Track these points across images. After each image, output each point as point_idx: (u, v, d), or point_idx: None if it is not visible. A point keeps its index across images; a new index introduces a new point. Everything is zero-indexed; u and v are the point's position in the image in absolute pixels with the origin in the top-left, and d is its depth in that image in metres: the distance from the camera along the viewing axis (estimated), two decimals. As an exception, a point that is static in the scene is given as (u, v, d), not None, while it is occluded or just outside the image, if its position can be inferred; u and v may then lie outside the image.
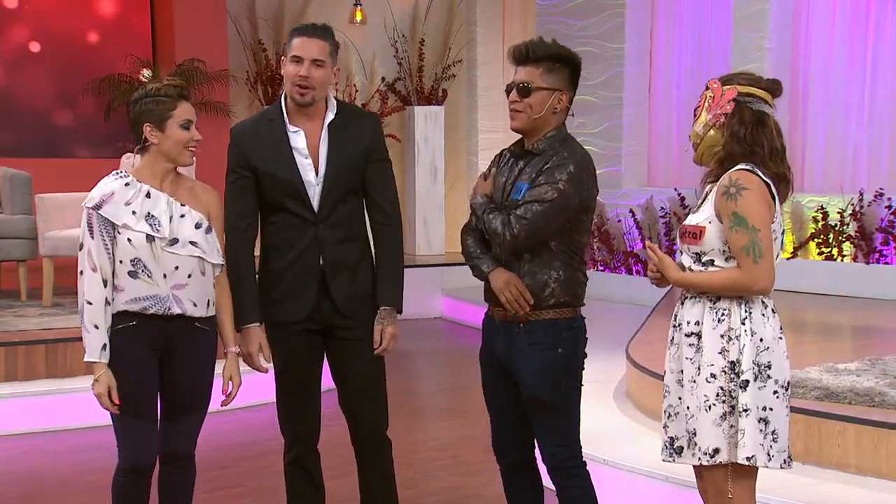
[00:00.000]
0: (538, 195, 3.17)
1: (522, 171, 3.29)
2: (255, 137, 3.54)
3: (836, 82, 9.39)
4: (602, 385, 6.31)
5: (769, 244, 2.93)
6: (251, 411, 6.54)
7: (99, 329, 3.32)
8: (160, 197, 3.41)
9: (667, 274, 3.07)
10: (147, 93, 3.41)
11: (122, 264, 3.34)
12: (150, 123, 3.38)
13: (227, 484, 5.10)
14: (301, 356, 3.59)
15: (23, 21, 10.90)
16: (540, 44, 3.27)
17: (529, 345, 3.26)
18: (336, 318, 3.56)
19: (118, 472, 3.46)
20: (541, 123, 3.28)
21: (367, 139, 3.58)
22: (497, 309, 3.33)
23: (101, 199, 3.35)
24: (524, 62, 3.26)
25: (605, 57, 10.66)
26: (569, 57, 3.28)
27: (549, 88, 3.24)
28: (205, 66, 10.94)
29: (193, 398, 3.51)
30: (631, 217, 10.13)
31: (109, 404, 3.34)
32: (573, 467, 3.37)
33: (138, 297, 3.35)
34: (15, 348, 6.29)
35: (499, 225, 3.20)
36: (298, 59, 3.45)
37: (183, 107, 3.41)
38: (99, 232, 3.33)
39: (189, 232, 3.41)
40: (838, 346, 6.80)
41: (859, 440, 4.34)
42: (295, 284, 3.53)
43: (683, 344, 3.05)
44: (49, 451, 5.64)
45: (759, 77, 3.07)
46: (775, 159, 2.99)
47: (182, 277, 3.38)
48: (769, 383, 2.96)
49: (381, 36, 12.04)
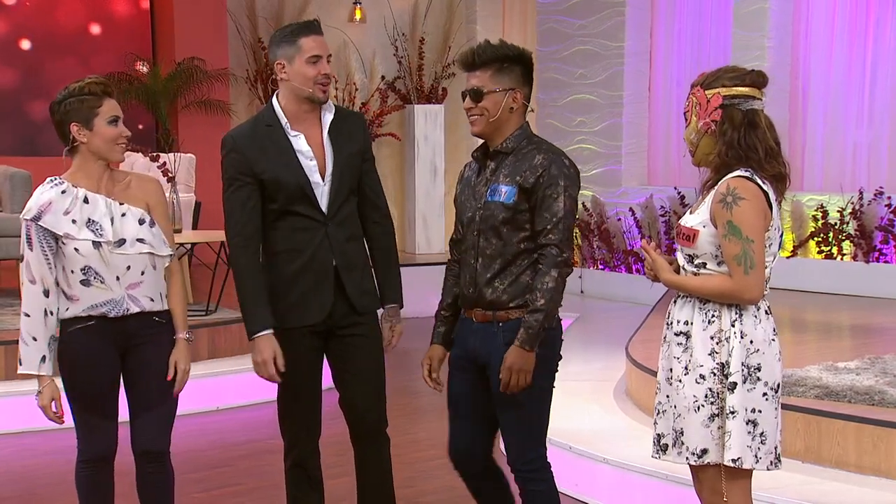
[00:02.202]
0: (553, 212, 3.21)
1: (496, 173, 3.31)
2: (255, 144, 3.51)
3: (836, 81, 9.38)
4: (602, 384, 6.31)
5: (761, 255, 2.92)
6: (249, 410, 6.55)
7: (38, 341, 3.30)
8: (97, 200, 3.37)
9: (659, 275, 3.08)
10: (70, 92, 3.36)
11: (74, 274, 3.32)
12: (76, 123, 3.35)
13: (225, 483, 5.10)
14: (305, 360, 3.58)
15: (21, 18, 10.90)
16: (486, 47, 3.29)
17: (506, 343, 3.26)
18: (349, 317, 3.55)
19: (77, 464, 3.48)
20: (501, 124, 3.30)
21: (360, 138, 3.60)
22: (478, 311, 3.33)
23: (38, 209, 3.32)
24: (473, 68, 3.28)
25: (605, 55, 10.65)
26: (517, 55, 3.30)
27: (502, 89, 3.27)
28: (204, 65, 10.94)
29: (157, 390, 3.46)
30: (631, 216, 10.12)
31: (53, 416, 3.34)
32: (538, 469, 3.36)
33: (95, 304, 3.33)
34: (14, 347, 6.26)
35: (556, 273, 3.21)
36: (318, 57, 3.44)
37: (109, 103, 3.37)
38: (38, 243, 3.30)
39: (134, 230, 3.38)
40: (838, 344, 6.80)
41: (859, 439, 4.33)
42: (312, 286, 3.51)
43: (673, 343, 3.05)
44: (47, 450, 5.64)
45: (743, 72, 3.02)
46: (771, 160, 2.97)
47: (135, 276, 3.36)
48: (759, 385, 2.95)
49: (381, 34, 12.03)
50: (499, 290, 3.28)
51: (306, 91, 3.46)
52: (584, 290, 10.40)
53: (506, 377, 3.23)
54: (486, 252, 3.29)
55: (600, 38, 10.69)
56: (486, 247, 3.29)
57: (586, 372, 6.78)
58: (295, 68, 3.46)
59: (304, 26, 3.50)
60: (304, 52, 3.44)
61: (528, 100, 3.34)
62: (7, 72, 10.88)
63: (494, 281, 3.28)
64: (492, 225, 3.27)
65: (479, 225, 3.30)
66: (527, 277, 3.26)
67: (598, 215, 10.37)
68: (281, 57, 3.48)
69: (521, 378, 3.23)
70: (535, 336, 3.21)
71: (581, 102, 10.96)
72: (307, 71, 3.44)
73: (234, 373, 6.67)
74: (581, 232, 10.58)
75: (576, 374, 6.73)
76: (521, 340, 3.21)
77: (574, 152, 11.02)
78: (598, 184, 10.72)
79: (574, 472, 4.86)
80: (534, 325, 3.20)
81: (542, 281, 3.21)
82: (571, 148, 11.04)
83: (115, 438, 3.47)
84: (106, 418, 3.41)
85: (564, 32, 11.07)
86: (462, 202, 3.41)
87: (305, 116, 3.51)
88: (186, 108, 11.03)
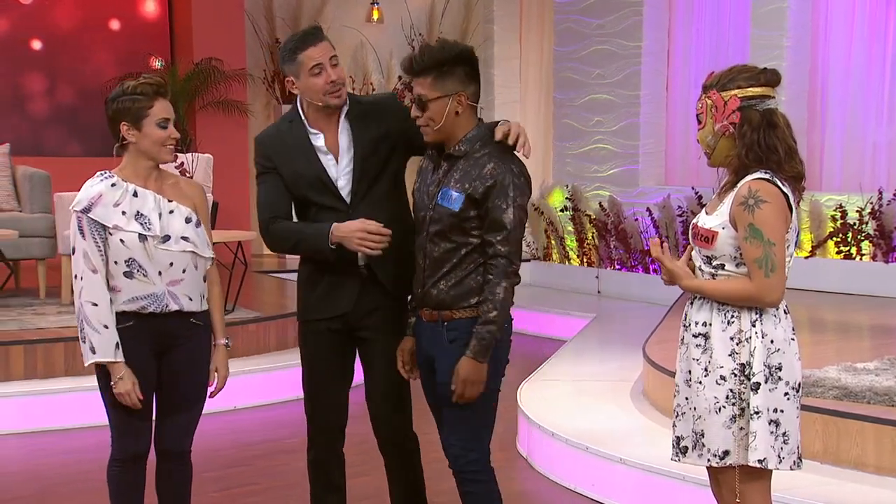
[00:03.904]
0: (502, 223, 3.18)
1: (448, 175, 3.28)
2: (277, 140, 3.55)
3: (855, 80, 9.33)
4: (619, 384, 6.30)
5: (782, 258, 2.91)
6: (265, 410, 6.57)
7: (109, 328, 3.33)
8: (147, 195, 3.40)
9: (678, 283, 3.05)
10: (123, 91, 3.37)
11: (117, 265, 3.35)
12: (126, 122, 3.36)
13: (241, 482, 5.11)
14: (326, 355, 3.57)
15: (39, 19, 10.95)
16: (424, 53, 3.23)
17: (450, 342, 3.27)
18: (377, 312, 3.51)
19: (112, 462, 3.49)
20: (449, 129, 3.25)
21: (389, 120, 3.52)
22: (425, 310, 3.33)
23: (89, 202, 3.34)
24: (415, 74, 3.24)
25: (623, 55, 10.62)
26: (456, 56, 3.23)
27: (444, 95, 3.21)
28: (222, 65, 10.99)
29: (190, 394, 3.51)
30: (648, 216, 10.10)
31: (136, 401, 3.36)
32: (476, 471, 3.31)
33: (136, 297, 3.36)
34: (34, 346, 6.32)
35: (507, 283, 3.20)
36: (320, 66, 3.42)
37: (160, 104, 3.39)
38: (91, 234, 3.33)
39: (180, 227, 3.41)
40: (857, 345, 6.76)
41: (878, 440, 4.31)
42: (338, 277, 3.50)
43: (691, 344, 3.03)
44: (62, 449, 5.67)
45: (757, 71, 2.99)
46: (790, 160, 2.95)
47: (177, 273, 3.39)
48: (780, 385, 2.93)
49: (398, 34, 12.05)
50: (444, 292, 3.27)
51: (319, 101, 3.47)
52: (601, 291, 10.38)
53: (459, 389, 3.22)
54: (433, 254, 3.29)
55: (618, 37, 10.66)
56: (433, 249, 3.29)
57: (603, 372, 6.77)
58: (302, 83, 3.46)
59: (301, 39, 3.48)
60: (306, 66, 3.43)
61: (475, 99, 3.28)
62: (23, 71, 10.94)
63: (440, 282, 3.28)
64: (439, 229, 3.26)
65: (428, 227, 3.30)
66: (471, 281, 3.25)
67: (615, 215, 10.35)
68: (289, 73, 3.50)
69: (474, 389, 3.22)
70: (488, 347, 3.20)
71: (598, 102, 10.94)
72: (314, 83, 3.44)
73: (252, 372, 6.69)
74: (598, 232, 10.57)
75: (592, 374, 6.73)
76: (475, 352, 3.20)
77: (591, 152, 11.02)
78: (615, 184, 10.70)
79: (591, 473, 4.86)
80: (486, 337, 3.19)
81: (493, 292, 3.20)
82: (588, 148, 11.04)
83: (150, 438, 3.50)
84: (141, 419, 3.44)
85: (582, 32, 11.04)
86: (417, 198, 3.40)
87: (327, 119, 3.52)
88: (204, 109, 11.07)
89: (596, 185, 10.91)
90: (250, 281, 8.43)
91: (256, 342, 7.13)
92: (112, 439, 3.49)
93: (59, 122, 11.06)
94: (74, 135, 11.08)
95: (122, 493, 3.51)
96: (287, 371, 6.81)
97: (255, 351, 7.10)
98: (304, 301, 3.60)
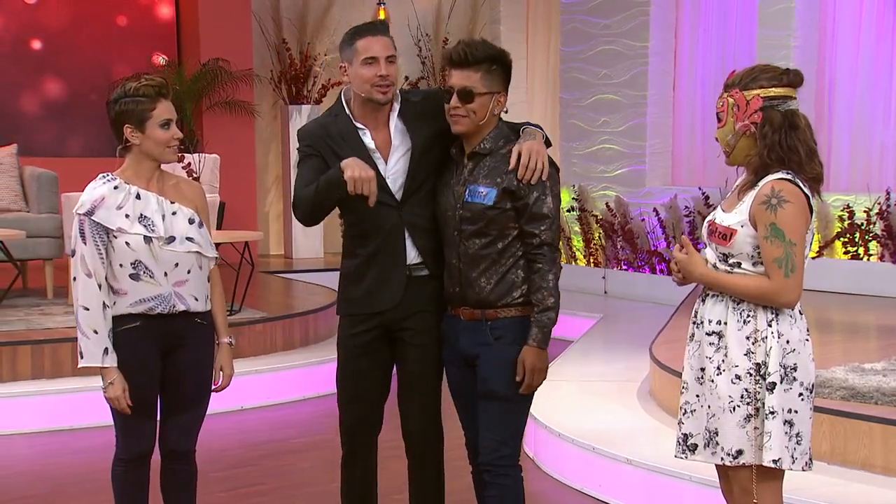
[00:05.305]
0: (543, 213, 3.25)
1: (473, 173, 3.31)
2: (322, 131, 3.49)
3: (863, 80, 9.31)
4: (625, 384, 6.29)
5: (802, 259, 2.91)
6: (272, 410, 6.57)
7: (98, 334, 3.33)
8: (149, 197, 3.41)
9: (694, 269, 3.03)
10: (125, 92, 3.36)
11: (123, 268, 3.35)
12: (129, 124, 3.36)
13: (248, 482, 5.11)
14: (365, 351, 3.52)
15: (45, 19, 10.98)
16: (477, 45, 3.28)
17: (496, 339, 3.29)
18: (420, 315, 3.47)
19: (116, 462, 3.50)
20: (483, 127, 3.31)
21: (440, 119, 3.43)
22: (464, 309, 3.34)
23: (91, 204, 3.35)
24: (463, 66, 3.26)
25: (629, 55, 10.62)
26: (503, 57, 3.31)
27: (489, 92, 3.27)
28: (229, 66, 11.00)
29: (194, 394, 3.52)
30: (655, 216, 10.09)
31: (125, 406, 3.36)
32: (506, 466, 3.33)
33: (143, 299, 3.37)
34: (41, 346, 6.34)
35: (556, 270, 3.28)
36: (374, 59, 3.40)
37: (162, 106, 3.38)
38: (92, 237, 3.34)
39: (184, 228, 3.43)
40: (864, 345, 6.75)
41: (886, 440, 4.30)
42: (383, 272, 3.47)
43: (704, 342, 3.03)
44: (72, 449, 5.69)
45: (779, 71, 2.99)
46: (811, 161, 2.94)
47: (182, 273, 3.41)
48: (795, 386, 2.93)
49: (405, 35, 12.05)
50: (486, 290, 3.29)
51: (364, 92, 3.44)
52: (607, 291, 10.38)
53: (528, 378, 3.26)
54: (469, 252, 3.30)
55: (624, 37, 10.66)
56: (469, 246, 3.30)
57: (610, 372, 6.77)
58: (353, 70, 3.44)
59: (365, 27, 3.48)
60: (361, 54, 3.41)
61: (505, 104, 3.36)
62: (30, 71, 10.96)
63: (480, 279, 3.29)
64: (472, 226, 3.28)
65: (459, 225, 3.31)
66: (513, 276, 3.28)
67: (621, 215, 10.34)
68: (343, 59, 3.48)
69: (540, 377, 3.29)
70: (549, 334, 3.28)
71: (605, 102, 10.93)
72: (363, 73, 3.41)
73: (259, 373, 6.70)
74: (605, 232, 10.56)
75: (599, 374, 6.72)
76: (537, 340, 3.25)
77: (598, 152, 11.01)
78: (622, 184, 10.69)
79: (597, 473, 4.86)
80: (547, 323, 3.26)
81: (545, 279, 3.26)
82: (595, 148, 11.03)
83: (154, 438, 3.51)
84: (145, 419, 3.45)
85: (588, 32, 11.04)
86: (441, 198, 3.40)
87: (374, 115, 3.48)
88: (211, 109, 11.09)
89: (603, 185, 10.91)
90: (257, 281, 8.44)
91: (263, 342, 7.14)
92: (116, 439, 3.51)
93: (66, 122, 11.08)
94: (82, 135, 11.10)
95: (127, 493, 3.52)
96: (294, 371, 6.83)
97: (261, 351, 7.10)
98: (348, 295, 3.55)
